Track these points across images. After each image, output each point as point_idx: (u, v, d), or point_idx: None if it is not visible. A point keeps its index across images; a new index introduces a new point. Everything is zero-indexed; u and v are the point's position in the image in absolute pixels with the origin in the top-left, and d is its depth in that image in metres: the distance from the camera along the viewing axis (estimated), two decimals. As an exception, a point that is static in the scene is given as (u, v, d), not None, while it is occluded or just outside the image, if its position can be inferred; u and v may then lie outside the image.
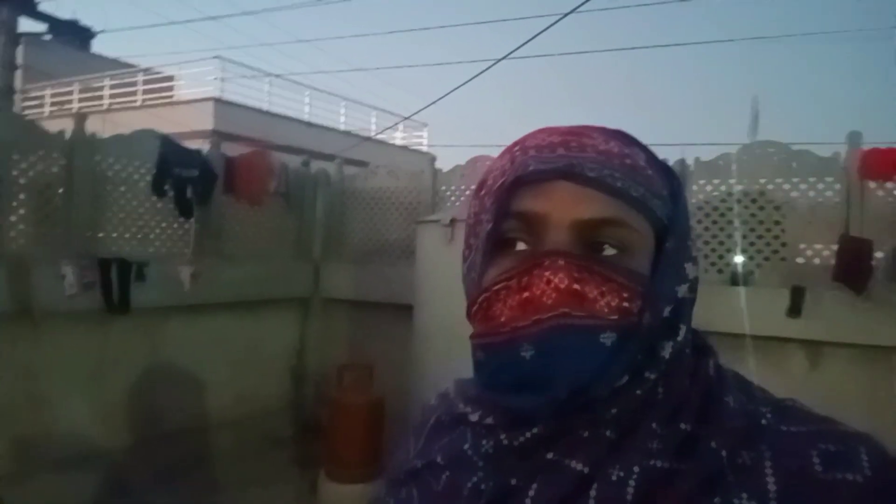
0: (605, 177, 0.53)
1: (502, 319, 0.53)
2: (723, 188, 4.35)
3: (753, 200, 4.21)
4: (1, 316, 3.62)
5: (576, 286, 0.51)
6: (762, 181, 4.22)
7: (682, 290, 0.56)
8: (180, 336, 4.74)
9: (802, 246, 4.15)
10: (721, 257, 4.28)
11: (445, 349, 3.04)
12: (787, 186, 4.16)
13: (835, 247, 3.89)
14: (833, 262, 3.88)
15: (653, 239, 0.55)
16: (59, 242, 4.02)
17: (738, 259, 4.24)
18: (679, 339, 0.55)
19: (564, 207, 0.53)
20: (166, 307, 4.53)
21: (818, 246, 4.11)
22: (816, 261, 4.08)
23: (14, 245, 3.83)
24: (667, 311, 0.54)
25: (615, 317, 0.51)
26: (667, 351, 0.54)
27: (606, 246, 0.53)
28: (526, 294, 0.52)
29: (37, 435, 3.87)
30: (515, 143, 0.60)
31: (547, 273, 0.51)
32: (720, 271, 4.27)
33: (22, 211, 3.89)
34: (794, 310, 3.86)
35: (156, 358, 4.57)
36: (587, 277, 0.51)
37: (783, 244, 4.13)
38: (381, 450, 4.31)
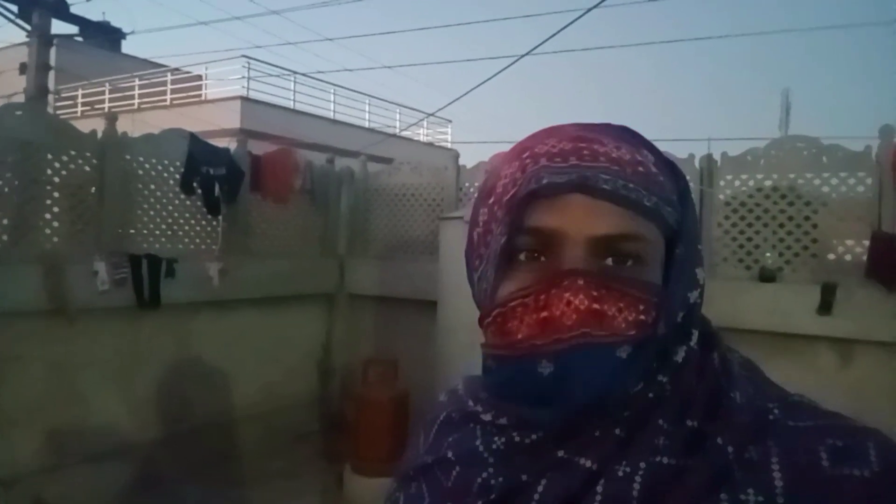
0: (620, 188, 0.52)
1: (519, 336, 0.53)
2: (751, 183, 4.28)
3: (783, 196, 4.15)
4: (36, 313, 3.73)
5: (595, 305, 0.50)
6: (792, 176, 4.15)
7: (694, 295, 0.56)
8: (209, 331, 4.83)
9: (834, 242, 4.08)
10: (749, 254, 4.22)
11: (469, 344, 3.04)
12: (817, 181, 4.08)
13: (867, 243, 3.82)
14: (865, 258, 3.81)
15: (663, 246, 0.55)
16: (92, 240, 4.11)
17: (768, 255, 4.18)
18: (692, 343, 0.55)
19: (580, 223, 0.52)
20: (195, 303, 4.62)
21: (850, 242, 4.03)
22: (848, 257, 4.00)
23: (48, 244, 3.92)
24: (680, 318, 0.54)
25: (633, 331, 0.51)
26: (680, 355, 0.54)
27: (622, 257, 0.53)
28: (545, 314, 0.51)
29: (71, 429, 3.97)
30: (524, 149, 0.58)
31: (567, 294, 0.51)
32: (748, 268, 4.21)
33: (56, 209, 3.97)
34: (825, 307, 3.80)
35: (185, 353, 4.66)
36: (605, 295, 0.51)
37: (814, 240, 4.05)
38: (406, 444, 4.33)
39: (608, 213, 0.52)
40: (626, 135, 0.58)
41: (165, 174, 4.59)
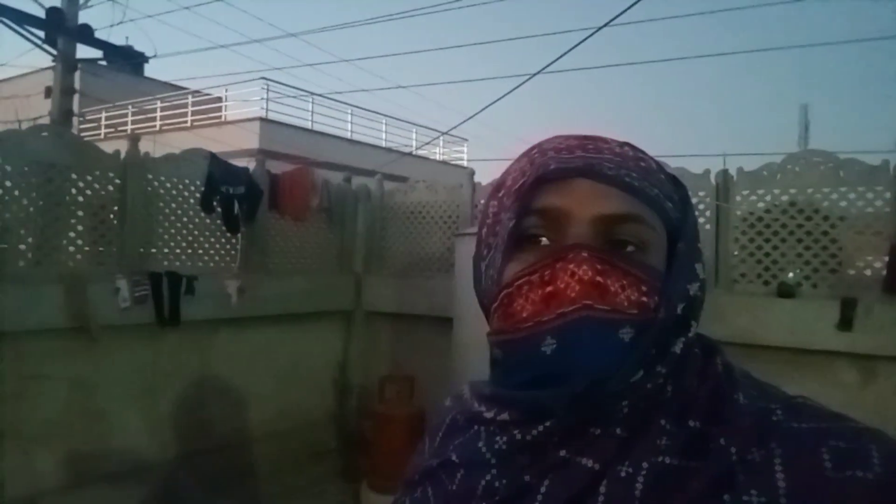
0: (623, 175, 0.55)
1: (524, 315, 0.54)
2: (768, 198, 4.25)
3: (800, 211, 4.11)
4: (59, 331, 3.78)
5: (599, 278, 0.52)
6: (809, 191, 4.12)
7: (694, 288, 0.57)
8: (228, 349, 4.87)
9: (853, 257, 4.03)
10: (767, 269, 4.18)
11: (485, 360, 3.05)
12: (835, 196, 4.04)
13: (886, 258, 3.77)
14: (884, 273, 3.76)
15: (666, 238, 0.57)
16: (114, 259, 4.18)
17: (790, 274, 4.14)
18: (690, 335, 0.56)
19: (585, 203, 0.54)
20: (214, 320, 4.66)
21: (869, 257, 3.98)
22: (867, 272, 3.94)
23: (71, 262, 3.99)
24: (680, 309, 0.54)
25: (634, 311, 0.52)
26: (678, 346, 0.55)
27: (625, 241, 0.55)
28: (549, 288, 0.53)
29: (92, 447, 4.01)
30: (533, 147, 0.62)
31: (571, 266, 0.52)
32: (766, 283, 4.17)
33: (79, 228, 4.05)
34: (845, 322, 3.74)
35: (204, 370, 4.70)
36: (609, 270, 0.52)
37: (832, 255, 4.01)
38: (422, 462, 4.32)
39: (612, 195, 0.55)
40: (628, 144, 0.62)
41: (186, 193, 4.66)
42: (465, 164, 17.53)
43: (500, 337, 0.57)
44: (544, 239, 0.57)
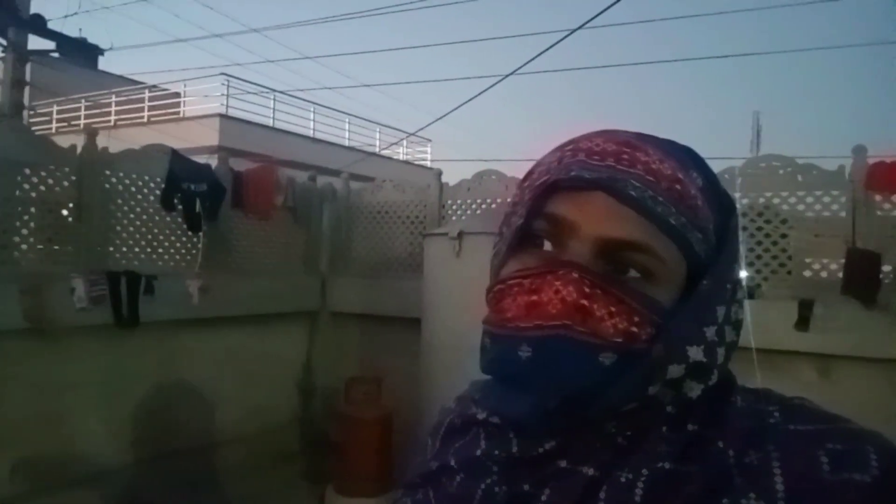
0: (646, 199, 0.52)
1: (508, 315, 0.54)
2: (728, 202, 4.35)
3: (759, 214, 4.23)
4: (14, 332, 3.62)
5: (583, 301, 0.50)
6: (768, 195, 4.24)
7: (711, 332, 0.53)
8: (189, 350, 4.73)
9: (809, 259, 4.16)
10: (728, 270, 4.28)
11: (454, 361, 3.04)
12: (792, 200, 4.16)
13: (842, 260, 3.90)
14: (841, 275, 3.89)
15: (685, 271, 0.54)
16: (70, 257, 4.04)
17: (744, 272, 4.25)
18: (710, 383, 0.54)
19: (594, 221, 0.52)
20: (175, 321, 4.52)
21: (825, 259, 4.11)
22: (824, 274, 4.08)
23: (24, 261, 3.84)
24: (698, 353, 0.52)
25: (619, 339, 0.51)
26: (695, 392, 0.53)
27: (629, 267, 0.53)
28: (534, 297, 0.52)
29: (49, 452, 3.85)
30: (571, 142, 0.59)
31: (558, 283, 0.51)
32: (727, 284, 4.26)
33: (33, 226, 3.89)
34: (802, 323, 3.86)
35: (165, 372, 4.56)
36: (598, 295, 0.51)
37: (790, 257, 4.13)
38: (390, 463, 4.29)
39: (626, 218, 0.52)
40: (680, 153, 0.58)
41: (146, 190, 4.52)
42: (428, 164, 17.52)
43: (488, 327, 0.58)
44: (548, 244, 0.56)
